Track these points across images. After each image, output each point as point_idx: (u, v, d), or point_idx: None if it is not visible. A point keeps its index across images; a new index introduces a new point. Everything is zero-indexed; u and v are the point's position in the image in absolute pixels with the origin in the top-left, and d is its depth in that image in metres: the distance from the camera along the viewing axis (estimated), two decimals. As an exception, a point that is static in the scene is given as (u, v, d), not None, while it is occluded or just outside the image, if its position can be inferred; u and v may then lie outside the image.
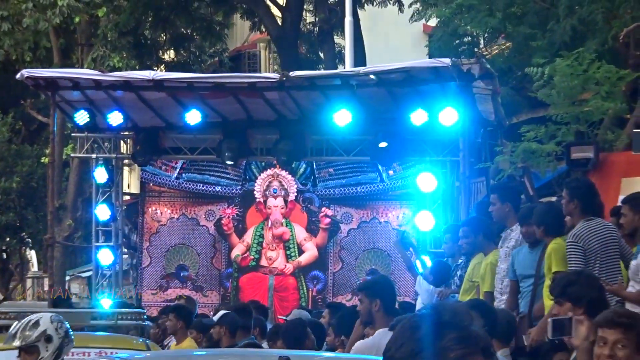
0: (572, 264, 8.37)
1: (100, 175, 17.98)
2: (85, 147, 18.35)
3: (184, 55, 28.89)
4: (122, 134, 18.48)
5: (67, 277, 30.75)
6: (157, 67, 27.12)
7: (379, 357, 2.98)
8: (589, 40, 14.48)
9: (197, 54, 28.91)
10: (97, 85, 16.80)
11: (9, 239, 35.03)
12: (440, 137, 16.70)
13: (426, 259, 13.31)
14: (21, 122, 35.53)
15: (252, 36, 33.98)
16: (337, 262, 18.70)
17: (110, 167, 18.17)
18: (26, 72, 16.96)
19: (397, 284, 16.25)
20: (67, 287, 27.62)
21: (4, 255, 38.80)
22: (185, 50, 28.71)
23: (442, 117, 15.92)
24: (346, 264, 18.66)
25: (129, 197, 23.31)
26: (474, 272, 10.37)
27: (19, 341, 6.31)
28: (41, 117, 32.18)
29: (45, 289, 30.88)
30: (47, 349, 6.31)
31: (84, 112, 17.08)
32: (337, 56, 26.51)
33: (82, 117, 17.12)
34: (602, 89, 12.84)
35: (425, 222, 16.99)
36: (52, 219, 19.07)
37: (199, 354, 7.30)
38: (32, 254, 41.59)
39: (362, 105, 16.44)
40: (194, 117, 17.01)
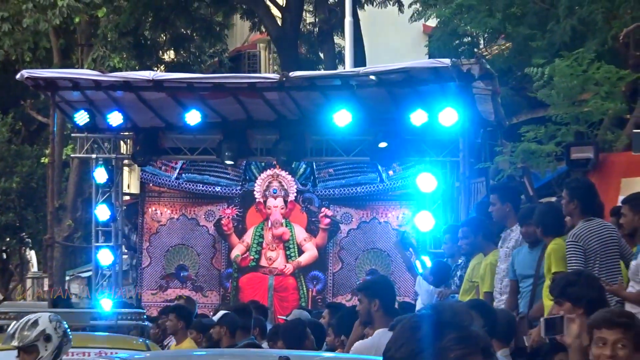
0: (571, 263, 8.37)
1: (100, 175, 17.98)
2: (85, 148, 18.34)
3: (183, 55, 28.88)
4: (122, 134, 18.47)
5: (67, 278, 30.75)
6: (157, 67, 27.12)
7: (378, 357, 2.98)
8: (589, 40, 14.46)
9: (197, 54, 28.89)
10: (97, 85, 16.79)
11: (8, 239, 35.03)
12: (440, 137, 16.69)
13: (426, 259, 13.31)
14: (21, 123, 35.52)
15: (252, 36, 33.99)
16: (336, 262, 18.70)
17: (110, 167, 18.17)
18: (26, 72, 16.94)
19: (397, 284, 16.25)
20: (66, 288, 27.62)
21: (4, 255, 38.79)
22: (185, 50, 28.70)
23: (442, 118, 15.92)
24: (346, 264, 18.66)
25: (128, 197, 23.31)
26: (473, 273, 10.37)
27: (17, 341, 6.29)
28: (41, 118, 32.17)
29: (45, 289, 30.86)
30: (46, 349, 6.30)
31: (84, 112, 17.07)
32: (337, 56, 26.50)
33: (82, 118, 17.11)
34: (602, 90, 12.83)
35: (425, 222, 16.98)
36: (51, 219, 19.07)
37: (199, 354, 7.29)
38: (32, 254, 41.59)
39: (362, 105, 16.44)
40: (193, 117, 17.01)
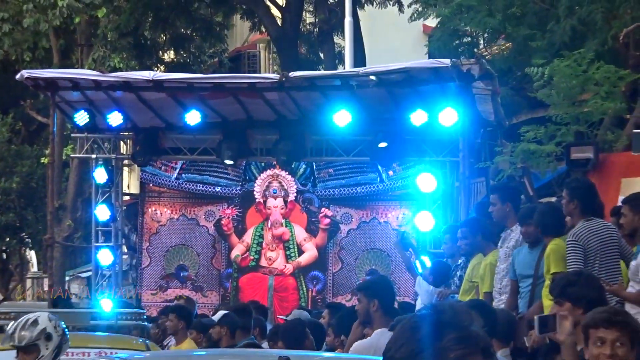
0: (571, 263, 8.37)
1: (100, 175, 17.97)
2: (85, 148, 18.34)
3: (183, 55, 28.88)
4: (122, 134, 18.47)
5: (67, 278, 30.75)
6: (157, 67, 27.12)
7: (377, 357, 2.99)
8: (589, 40, 14.45)
9: (196, 54, 28.89)
10: (97, 85, 16.79)
11: (8, 239, 35.04)
12: (440, 137, 16.69)
13: (426, 259, 13.31)
14: (21, 123, 35.54)
15: (251, 36, 33.98)
16: (336, 262, 18.70)
17: (110, 167, 18.17)
18: (26, 72, 16.94)
19: (397, 284, 16.27)
20: (66, 288, 27.62)
21: (4, 255, 38.81)
22: (185, 50, 28.70)
23: (442, 118, 15.91)
24: (346, 264, 18.66)
25: (128, 197, 23.31)
26: (473, 273, 10.37)
27: (18, 341, 6.28)
28: (41, 118, 32.18)
29: (45, 289, 30.87)
30: (47, 347, 6.30)
31: (84, 112, 17.06)
32: (337, 56, 26.50)
33: (81, 118, 17.11)
34: (602, 90, 12.83)
35: (424, 222, 16.98)
36: (51, 219, 19.08)
37: (199, 354, 7.30)
38: (31, 254, 41.61)
39: (361, 105, 16.44)
40: (193, 117, 17.00)
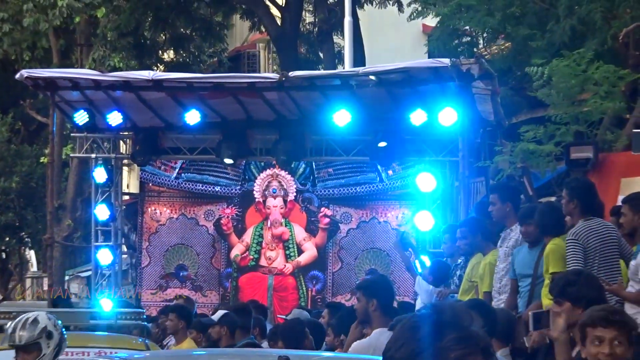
0: (571, 262, 8.38)
1: (99, 175, 17.98)
2: (84, 147, 18.33)
3: (183, 55, 28.88)
4: (122, 134, 18.47)
5: (67, 277, 30.75)
6: (157, 67, 27.12)
7: (376, 356, 2.99)
8: (589, 40, 14.44)
9: (196, 54, 28.89)
10: (97, 85, 16.78)
11: (8, 239, 35.03)
12: (439, 137, 16.69)
13: (425, 259, 13.32)
14: (20, 122, 35.52)
15: (251, 36, 33.97)
16: (336, 262, 18.70)
17: (109, 167, 18.17)
18: (25, 72, 16.94)
19: (397, 284, 16.28)
20: (66, 287, 27.62)
21: (4, 255, 38.80)
22: (184, 50, 28.70)
23: (442, 117, 15.91)
24: (345, 263, 18.66)
25: (128, 197, 23.31)
26: (472, 272, 10.37)
27: (18, 340, 6.28)
28: (40, 117, 32.16)
29: (44, 288, 30.89)
30: (48, 346, 6.31)
31: (84, 112, 17.06)
32: (337, 56, 26.49)
33: (81, 117, 17.11)
34: (601, 89, 12.81)
35: (424, 222, 16.98)
36: (51, 219, 19.09)
37: (199, 354, 7.29)
38: (31, 254, 41.60)
39: (361, 105, 16.44)
40: (193, 117, 17.01)
